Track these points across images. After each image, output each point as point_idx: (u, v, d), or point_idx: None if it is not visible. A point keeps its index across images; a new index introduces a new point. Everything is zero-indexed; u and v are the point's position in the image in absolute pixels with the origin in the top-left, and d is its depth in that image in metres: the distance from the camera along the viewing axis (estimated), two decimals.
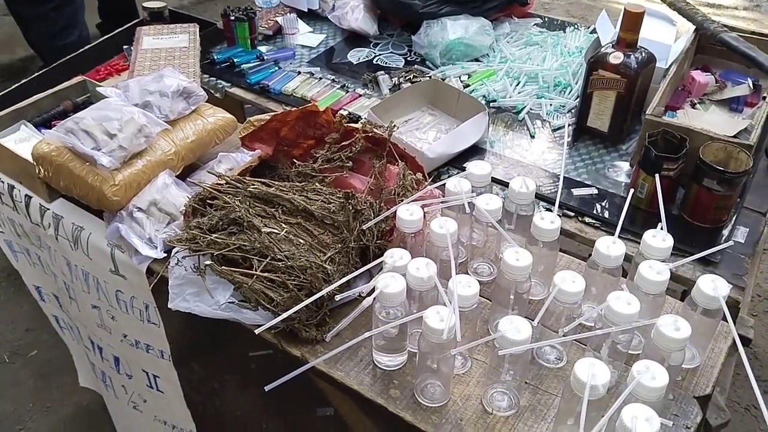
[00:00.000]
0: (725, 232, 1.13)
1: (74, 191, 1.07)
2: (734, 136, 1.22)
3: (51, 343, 1.77)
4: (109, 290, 1.16)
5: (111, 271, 1.11)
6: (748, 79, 1.39)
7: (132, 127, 1.04)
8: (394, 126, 1.08)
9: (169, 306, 0.95)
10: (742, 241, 1.12)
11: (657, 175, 0.93)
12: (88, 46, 1.87)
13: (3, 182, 1.23)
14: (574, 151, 1.32)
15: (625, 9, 1.21)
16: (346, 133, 1.09)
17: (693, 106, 1.37)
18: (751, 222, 1.17)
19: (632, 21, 1.21)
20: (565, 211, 1.18)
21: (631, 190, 0.97)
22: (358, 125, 1.09)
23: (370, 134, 1.08)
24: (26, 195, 1.20)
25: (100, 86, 1.29)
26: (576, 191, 1.21)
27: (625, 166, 1.27)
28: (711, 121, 1.30)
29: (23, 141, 1.23)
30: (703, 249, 1.08)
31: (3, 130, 1.25)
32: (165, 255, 1.01)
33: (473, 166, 1.02)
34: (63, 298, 1.36)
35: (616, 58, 1.23)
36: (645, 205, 1.16)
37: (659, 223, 0.90)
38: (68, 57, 1.80)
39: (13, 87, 1.68)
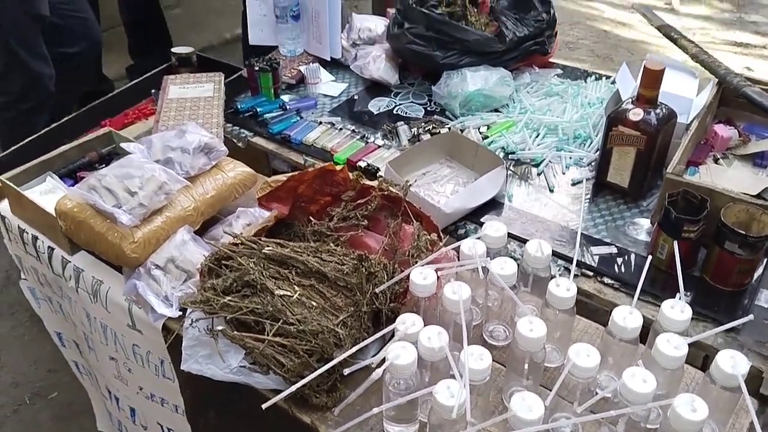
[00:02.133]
0: (748, 297, 1.10)
1: (95, 247, 1.09)
2: (758, 195, 1.21)
3: (72, 385, 1.78)
4: (126, 344, 1.17)
5: (128, 325, 1.12)
6: None
7: (153, 185, 1.06)
8: (409, 184, 1.08)
9: (181, 368, 0.95)
10: (766, 306, 1.09)
11: (676, 243, 0.91)
12: (117, 90, 1.92)
13: (27, 233, 1.26)
14: (594, 206, 1.31)
15: (644, 66, 1.20)
16: (363, 191, 1.10)
17: (716, 161, 1.36)
18: None
19: (652, 78, 1.20)
20: (583, 270, 1.16)
21: (649, 257, 0.95)
22: (375, 183, 1.10)
23: (386, 192, 1.09)
24: (49, 246, 1.22)
25: (125, 138, 1.32)
26: (595, 249, 1.20)
27: (645, 223, 1.25)
28: (734, 177, 1.28)
29: (48, 192, 1.26)
30: (726, 314, 1.07)
31: (30, 180, 1.29)
32: (180, 314, 1.02)
33: (488, 227, 1.01)
34: (82, 345, 1.38)
35: (635, 114, 1.23)
36: (666, 267, 1.14)
37: (678, 293, 0.88)
38: (97, 102, 1.86)
39: (45, 130, 1.74)
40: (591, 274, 1.16)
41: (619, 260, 1.18)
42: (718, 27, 3.98)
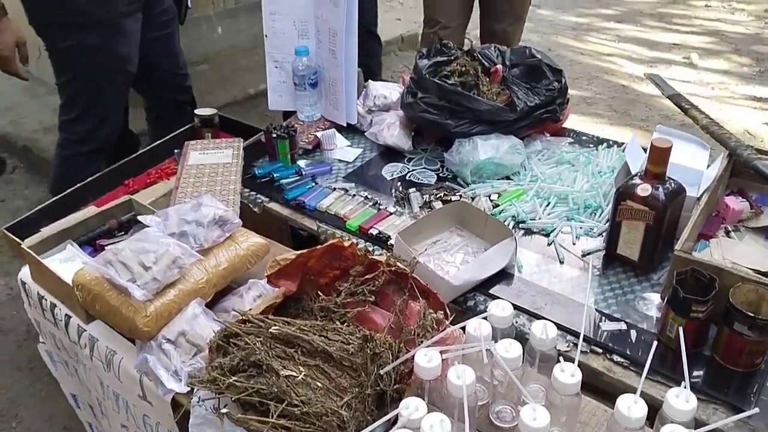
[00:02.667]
0: (760, 378, 1.09)
1: (109, 319, 1.11)
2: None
3: None
4: (137, 414, 1.18)
5: (139, 396, 1.14)
6: None
7: (167, 260, 1.09)
8: (416, 261, 1.10)
9: None
10: None
11: (681, 330, 0.91)
12: (140, 151, 1.99)
13: (46, 300, 1.30)
14: (604, 278, 1.31)
15: (652, 143, 1.22)
16: (370, 266, 1.12)
17: (728, 233, 1.35)
18: None
19: (660, 155, 1.22)
20: (592, 347, 1.16)
21: (654, 343, 0.95)
22: (382, 258, 1.12)
23: (393, 268, 1.10)
24: (66, 314, 1.26)
25: (145, 206, 1.36)
26: (604, 326, 1.19)
27: (655, 298, 1.24)
28: (745, 252, 1.27)
29: (68, 260, 1.30)
30: (736, 396, 1.06)
31: (51, 248, 1.33)
32: (189, 389, 1.04)
33: (494, 307, 1.02)
34: (96, 410, 1.40)
35: (644, 190, 1.24)
36: (675, 346, 1.12)
37: (683, 381, 0.88)
38: (120, 163, 1.92)
39: (70, 190, 1.78)
40: (600, 351, 1.16)
41: (629, 337, 1.17)
42: (737, 81, 3.99)
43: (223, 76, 3.81)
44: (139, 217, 1.22)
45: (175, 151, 1.90)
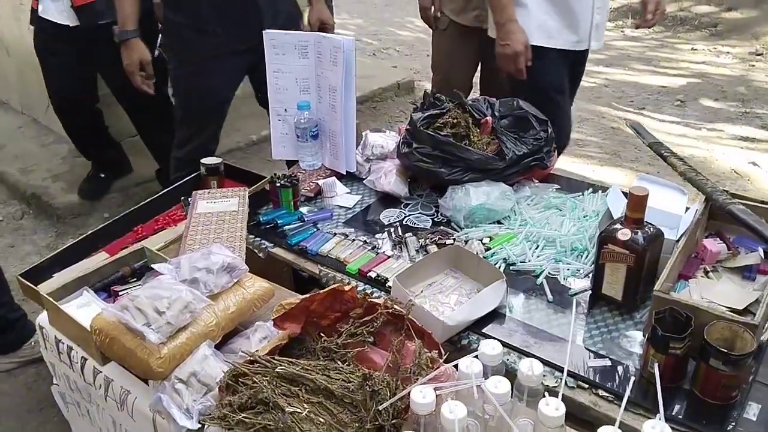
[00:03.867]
0: (737, 410, 1.15)
1: (125, 361, 1.19)
2: (745, 309, 1.28)
3: None
4: None
5: None
6: (759, 247, 1.45)
7: (179, 305, 1.17)
8: (412, 303, 1.18)
9: None
10: (754, 419, 1.14)
11: (657, 366, 0.98)
12: (148, 200, 2.08)
13: (63, 343, 1.38)
14: (590, 317, 1.39)
15: (630, 192, 1.31)
16: (369, 308, 1.20)
17: (706, 273, 1.43)
18: (765, 398, 1.19)
19: (638, 202, 1.31)
20: (579, 382, 1.23)
21: (631, 378, 1.02)
22: (380, 300, 1.20)
23: (390, 310, 1.18)
24: (82, 357, 1.33)
25: (157, 254, 1.45)
26: (590, 362, 1.27)
27: (638, 336, 1.32)
28: (722, 291, 1.35)
29: (84, 306, 1.38)
30: (714, 427, 1.13)
31: (68, 294, 1.41)
32: (200, 426, 1.10)
33: (485, 346, 1.10)
34: None
35: (624, 234, 1.32)
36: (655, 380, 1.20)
37: (657, 414, 0.95)
38: (129, 211, 2.01)
39: (81, 237, 1.87)
40: (587, 386, 1.23)
41: (614, 373, 1.24)
42: (724, 122, 4.12)
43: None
44: (153, 266, 1.30)
45: (182, 198, 1.99)
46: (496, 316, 1.40)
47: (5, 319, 2.14)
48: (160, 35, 2.44)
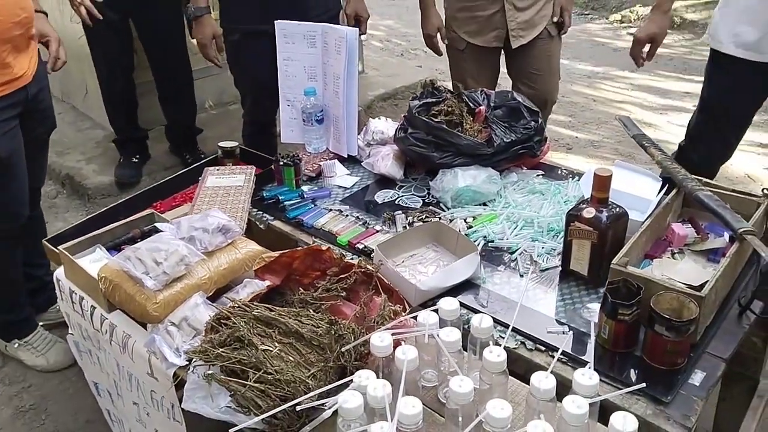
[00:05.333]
0: (681, 376, 1.24)
1: (126, 306, 1.33)
2: (700, 286, 1.36)
3: None
4: (145, 390, 1.39)
5: (147, 373, 1.35)
6: (725, 233, 1.52)
7: (175, 257, 1.31)
8: (382, 263, 1.30)
9: (182, 406, 1.16)
10: (697, 384, 1.23)
11: (603, 319, 1.07)
12: (169, 177, 2.25)
13: (76, 294, 1.53)
14: (558, 291, 1.48)
15: (594, 173, 1.41)
16: (346, 267, 1.32)
17: (673, 255, 1.51)
18: (710, 367, 1.27)
19: (601, 182, 1.40)
20: (537, 345, 1.33)
21: (570, 335, 1.12)
22: (355, 261, 1.32)
23: (363, 269, 1.30)
24: (91, 305, 1.48)
25: (163, 218, 1.60)
26: (549, 328, 1.36)
27: (597, 307, 1.41)
28: (682, 270, 1.43)
29: (96, 261, 1.53)
30: (661, 390, 1.21)
31: (83, 251, 1.57)
32: (187, 363, 1.24)
33: (443, 302, 1.21)
34: (114, 393, 1.61)
35: (588, 213, 1.42)
36: (609, 345, 1.29)
37: (588, 363, 1.05)
38: (151, 186, 2.18)
39: (105, 208, 2.05)
40: (543, 349, 1.33)
41: (570, 339, 1.34)
42: None
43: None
44: (156, 224, 1.45)
45: (199, 178, 2.14)
46: (470, 286, 1.50)
47: (41, 280, 2.31)
48: None
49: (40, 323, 2.34)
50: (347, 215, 1.79)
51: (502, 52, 2.50)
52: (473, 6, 2.37)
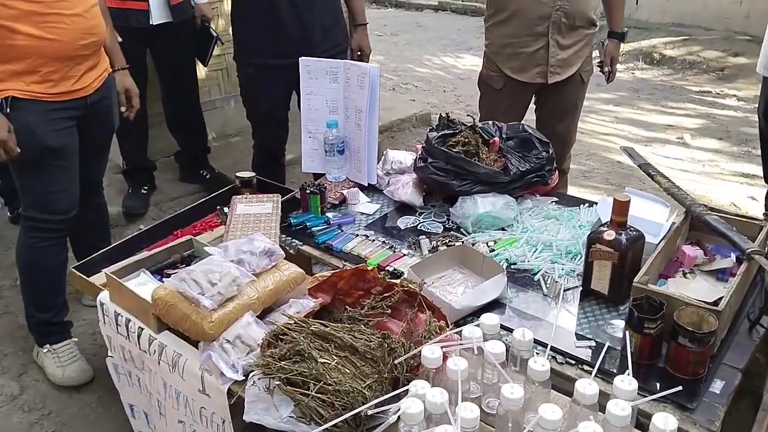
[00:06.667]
0: (704, 384, 1.34)
1: (181, 325, 1.40)
2: (713, 302, 1.47)
3: None
4: (195, 407, 1.45)
5: (199, 390, 1.41)
6: (732, 253, 1.64)
7: (228, 278, 1.39)
8: (425, 283, 1.39)
9: (244, 417, 1.23)
10: (718, 392, 1.33)
11: (627, 334, 1.17)
12: (187, 207, 2.33)
13: (122, 316, 1.59)
14: (580, 309, 1.58)
15: (614, 198, 1.52)
16: (388, 287, 1.41)
17: (684, 275, 1.63)
18: (728, 376, 1.37)
19: (621, 207, 1.52)
20: (567, 359, 1.43)
21: (606, 345, 1.21)
22: (398, 281, 1.41)
23: (406, 288, 1.39)
24: (139, 327, 1.55)
25: (204, 244, 1.67)
26: (577, 343, 1.46)
27: (621, 324, 1.51)
28: (695, 288, 1.55)
29: (142, 285, 1.60)
30: (686, 398, 1.31)
31: (128, 275, 1.63)
32: (243, 378, 1.31)
33: (485, 318, 1.30)
34: (153, 414, 1.66)
35: (609, 235, 1.53)
36: (635, 358, 1.39)
37: (627, 370, 1.14)
38: (170, 216, 2.26)
39: (130, 236, 2.13)
40: (574, 362, 1.42)
41: (597, 352, 1.43)
42: (727, 159, 4.31)
43: (252, 146, 4.22)
44: (206, 248, 1.53)
45: (218, 207, 2.23)
46: (497, 305, 1.60)
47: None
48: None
49: None
50: (373, 240, 1.88)
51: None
52: (518, 42, 2.45)
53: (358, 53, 2.70)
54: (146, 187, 3.40)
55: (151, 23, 2.90)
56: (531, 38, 2.43)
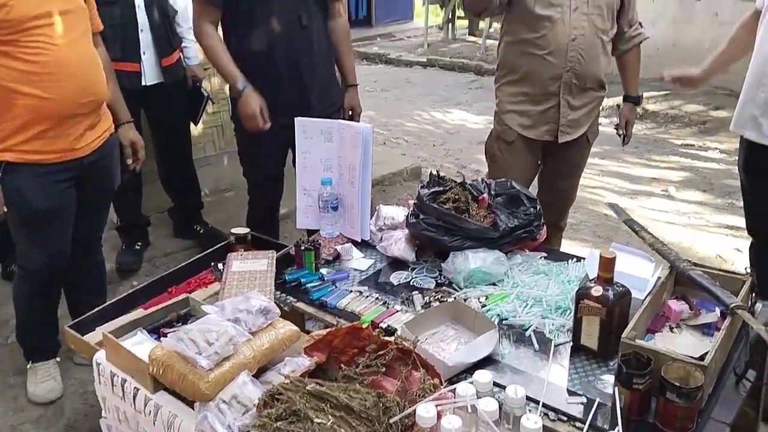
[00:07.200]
0: None
1: (177, 385, 1.42)
2: (700, 357, 1.50)
3: None
4: None
5: None
6: (716, 308, 1.68)
7: (225, 338, 1.41)
8: (419, 340, 1.42)
9: None
10: None
11: (617, 391, 1.20)
12: (181, 264, 2.36)
13: (118, 376, 1.60)
14: (571, 365, 1.61)
15: (600, 255, 1.57)
16: (382, 345, 1.44)
17: (671, 330, 1.67)
18: (717, 431, 1.39)
19: (607, 263, 1.57)
20: (559, 416, 1.45)
21: (596, 401, 1.24)
22: (392, 339, 1.44)
23: (400, 346, 1.42)
24: (135, 387, 1.55)
25: (200, 303, 1.70)
26: (569, 399, 1.48)
27: (610, 379, 1.54)
28: (682, 343, 1.58)
29: (138, 344, 1.62)
30: None
31: (125, 334, 1.65)
32: None
33: (478, 375, 1.33)
34: None
35: (597, 291, 1.57)
36: (625, 413, 1.41)
37: (617, 427, 1.17)
38: (165, 273, 2.28)
39: (125, 294, 2.14)
40: (566, 419, 1.44)
41: (588, 408, 1.45)
42: (711, 211, 4.40)
43: (245, 202, 4.27)
44: (203, 306, 1.55)
45: (212, 263, 2.25)
46: (490, 361, 1.62)
47: None
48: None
49: None
50: (367, 296, 1.91)
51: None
52: (529, 101, 2.52)
53: (350, 112, 2.78)
54: (140, 243, 3.43)
55: (143, 84, 2.98)
56: (542, 97, 2.50)
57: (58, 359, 2.56)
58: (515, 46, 2.51)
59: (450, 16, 10.55)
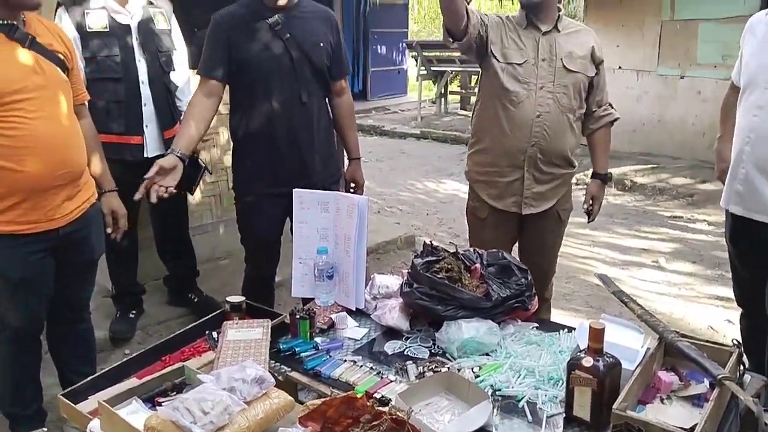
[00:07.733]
0: None
1: None
2: (690, 428, 1.52)
3: None
4: None
5: None
6: (705, 379, 1.71)
7: (220, 407, 1.43)
8: (413, 411, 1.43)
9: None
10: None
11: None
12: (176, 333, 2.37)
13: None
14: None
15: (590, 326, 1.61)
16: (377, 415, 1.45)
17: (662, 401, 1.69)
18: None
19: (596, 334, 1.60)
20: None
21: None
22: (386, 409, 1.45)
23: (394, 417, 1.43)
24: None
25: (196, 371, 1.71)
26: None
27: None
28: (673, 415, 1.60)
29: (133, 413, 1.61)
30: None
31: (120, 403, 1.65)
32: None
33: None
34: None
35: (587, 362, 1.60)
36: None
37: None
38: (159, 342, 2.28)
39: (120, 362, 2.14)
40: None
41: None
42: (702, 282, 4.46)
43: (241, 269, 4.30)
44: (199, 376, 1.56)
45: (206, 332, 2.27)
46: None
47: None
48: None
49: None
50: (361, 365, 1.92)
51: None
52: (495, 171, 2.60)
53: (352, 185, 2.86)
54: (134, 312, 3.43)
55: (145, 156, 3.05)
56: (508, 168, 2.59)
57: (45, 430, 2.51)
58: (486, 114, 2.62)
59: (443, 91, 10.93)
